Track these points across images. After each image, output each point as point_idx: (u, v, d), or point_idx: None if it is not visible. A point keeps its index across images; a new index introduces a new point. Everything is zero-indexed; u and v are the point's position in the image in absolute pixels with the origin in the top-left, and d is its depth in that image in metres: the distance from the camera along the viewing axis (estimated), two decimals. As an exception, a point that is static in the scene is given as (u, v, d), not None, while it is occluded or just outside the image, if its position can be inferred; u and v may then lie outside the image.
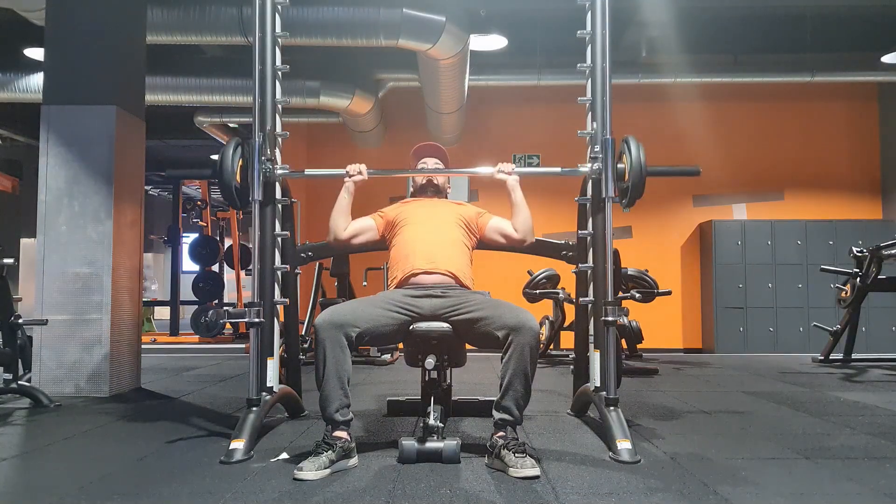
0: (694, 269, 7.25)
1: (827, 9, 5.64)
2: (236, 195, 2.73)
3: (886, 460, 2.35)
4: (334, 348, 2.28)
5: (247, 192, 2.74)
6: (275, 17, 2.90)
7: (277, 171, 2.83)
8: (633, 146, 2.67)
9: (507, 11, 5.60)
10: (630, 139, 2.70)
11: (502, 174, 2.78)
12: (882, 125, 7.28)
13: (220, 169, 2.68)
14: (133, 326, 4.04)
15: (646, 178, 2.65)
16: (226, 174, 2.68)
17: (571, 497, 1.93)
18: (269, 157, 2.77)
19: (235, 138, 2.77)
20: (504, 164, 2.80)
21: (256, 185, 2.71)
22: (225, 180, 2.68)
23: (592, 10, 2.89)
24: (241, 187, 2.75)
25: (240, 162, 2.74)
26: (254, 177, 2.71)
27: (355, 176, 2.77)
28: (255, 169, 2.71)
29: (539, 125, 7.05)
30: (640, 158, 2.65)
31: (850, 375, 4.80)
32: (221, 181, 2.69)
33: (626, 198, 2.72)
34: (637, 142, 2.69)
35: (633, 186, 2.67)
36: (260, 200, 2.73)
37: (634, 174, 2.65)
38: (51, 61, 3.95)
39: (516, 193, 2.77)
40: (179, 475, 2.16)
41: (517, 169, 2.80)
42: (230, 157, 2.69)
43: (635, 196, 2.69)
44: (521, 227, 2.75)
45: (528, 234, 2.76)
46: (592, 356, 2.88)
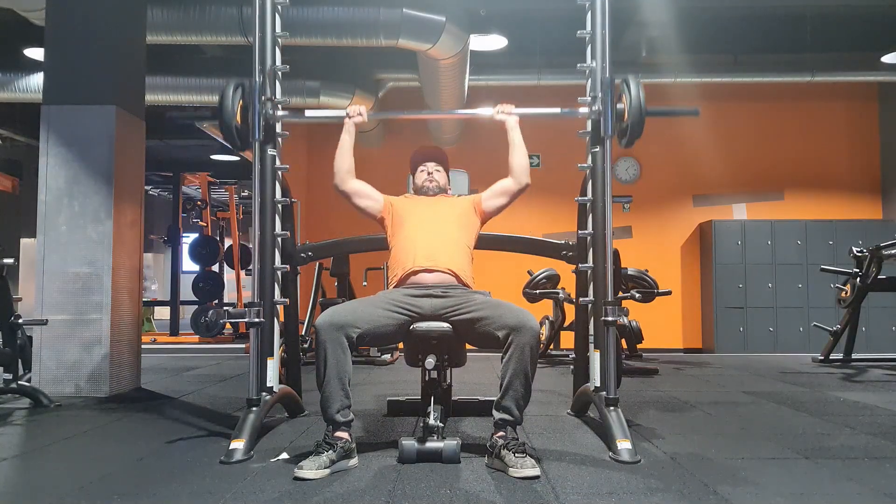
0: (694, 269, 7.25)
1: (827, 9, 5.64)
2: (237, 135, 2.74)
3: (886, 460, 2.35)
4: (335, 349, 2.28)
5: (247, 133, 2.76)
6: (275, 17, 2.90)
7: (278, 113, 2.84)
8: (632, 86, 2.67)
9: (507, 11, 5.60)
10: (630, 78, 2.70)
11: (502, 115, 2.83)
12: (882, 125, 7.28)
13: (220, 108, 2.69)
14: (133, 326, 4.04)
15: (645, 118, 2.65)
16: (226, 114, 2.68)
17: (571, 497, 1.93)
18: (269, 97, 2.78)
19: (235, 79, 2.77)
20: (504, 105, 2.84)
21: (257, 124, 2.73)
22: (225, 120, 2.69)
23: (592, 10, 2.89)
24: (241, 128, 2.75)
25: (240, 102, 2.75)
26: (254, 116, 2.72)
27: (355, 117, 2.80)
28: (256, 109, 2.73)
29: (539, 125, 7.02)
30: (639, 98, 2.65)
31: (850, 375, 4.80)
32: (222, 121, 2.69)
33: (626, 137, 2.73)
34: (637, 81, 2.68)
35: (633, 125, 2.67)
36: (260, 140, 2.74)
37: (634, 113, 2.65)
38: (51, 61, 3.95)
39: (515, 133, 2.81)
40: (179, 475, 2.16)
41: (516, 109, 2.83)
42: (230, 97, 2.70)
43: (634, 135, 2.70)
44: (517, 166, 2.77)
45: (523, 174, 2.77)
46: (592, 356, 2.88)
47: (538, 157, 7.21)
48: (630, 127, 2.67)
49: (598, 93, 2.76)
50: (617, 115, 2.74)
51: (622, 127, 2.74)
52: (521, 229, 5.92)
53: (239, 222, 8.66)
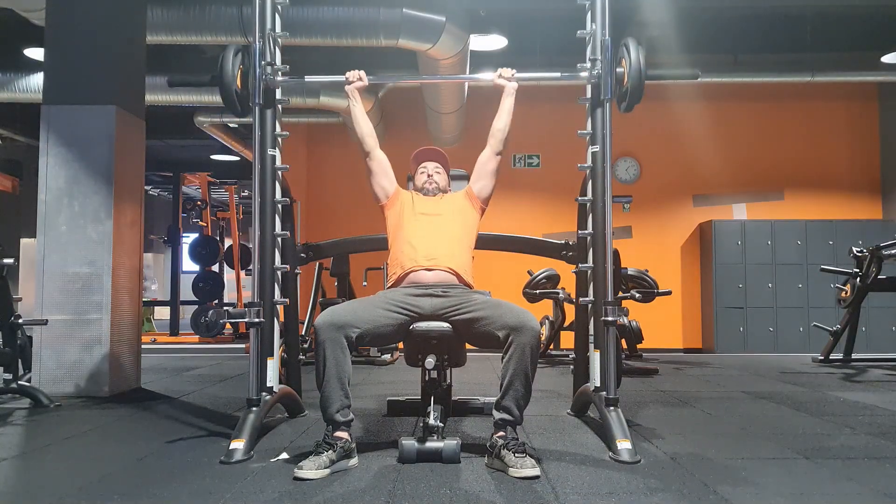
0: (694, 269, 7.25)
1: (827, 9, 5.64)
2: (237, 100, 2.75)
3: (886, 460, 2.35)
4: (335, 349, 2.28)
5: (247, 98, 2.77)
6: (275, 17, 2.90)
7: (277, 78, 2.85)
8: (632, 49, 2.67)
9: (507, 11, 5.60)
10: (629, 41, 2.69)
11: (502, 79, 2.85)
12: (882, 125, 7.28)
13: (220, 73, 2.70)
14: (133, 326, 4.04)
15: (644, 82, 2.65)
16: (226, 78, 2.69)
17: (571, 497, 1.93)
18: (270, 61, 2.79)
19: (235, 45, 2.78)
20: (504, 70, 2.86)
21: (257, 88, 2.74)
22: (225, 84, 2.70)
23: (592, 10, 2.89)
24: (241, 94, 2.76)
25: (240, 68, 2.75)
26: (256, 81, 2.73)
27: (356, 82, 2.85)
28: (256, 73, 2.74)
29: (539, 125, 7.05)
30: (639, 61, 2.64)
31: (850, 375, 4.80)
32: (222, 85, 2.70)
33: (626, 101, 2.72)
34: (636, 44, 2.68)
35: (633, 89, 2.67)
36: (260, 104, 2.75)
37: (633, 77, 2.65)
38: (51, 61, 3.95)
39: (509, 100, 2.83)
40: (179, 475, 2.16)
41: (517, 74, 2.85)
42: (230, 61, 2.70)
43: (634, 99, 2.70)
44: (498, 130, 2.81)
45: (500, 141, 2.81)
46: (592, 356, 2.88)
47: (538, 156, 7.21)
48: (630, 90, 2.67)
49: (598, 56, 2.76)
50: (617, 78, 2.74)
51: (622, 91, 2.74)
52: (521, 229, 5.93)
53: (239, 222, 8.66)
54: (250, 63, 2.75)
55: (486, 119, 2.89)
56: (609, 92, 2.71)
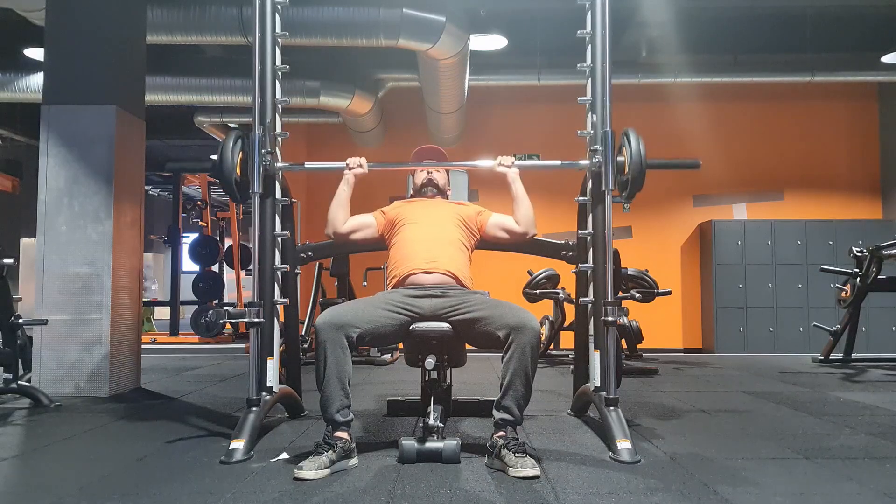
0: (694, 269, 7.25)
1: (827, 9, 5.64)
2: (236, 188, 2.74)
3: (886, 460, 2.35)
4: (335, 349, 2.28)
5: (247, 185, 2.75)
6: (275, 17, 2.90)
7: (277, 164, 2.83)
8: (632, 139, 2.67)
9: (507, 11, 5.60)
10: (630, 132, 2.69)
11: (502, 167, 2.81)
12: (882, 125, 7.28)
13: (220, 161, 2.69)
14: (133, 326, 4.04)
15: (646, 172, 2.65)
16: (226, 167, 2.68)
17: (571, 497, 1.93)
18: (269, 150, 2.78)
19: (235, 131, 2.77)
20: (504, 158, 2.83)
21: (256, 177, 2.72)
22: (225, 173, 2.69)
23: (592, 10, 2.89)
24: (241, 181, 2.75)
25: (240, 155, 2.74)
26: (254, 170, 2.72)
27: (355, 169, 2.79)
28: (255, 162, 2.72)
29: (539, 125, 7.05)
30: (639, 151, 2.64)
31: (850, 375, 4.80)
32: (221, 174, 2.69)
33: (626, 191, 2.72)
34: (637, 135, 2.68)
35: (633, 179, 2.66)
36: (260, 193, 2.74)
37: (634, 167, 2.65)
38: (51, 61, 3.95)
39: (517, 186, 2.78)
40: (179, 475, 2.16)
41: (517, 162, 2.82)
42: (230, 149, 2.69)
43: (635, 189, 2.69)
44: (523, 219, 2.76)
45: (530, 226, 2.77)
46: (592, 356, 2.88)
47: (538, 157, 7.19)
48: (631, 181, 2.66)
49: (599, 146, 2.75)
50: (617, 167, 2.73)
51: (622, 180, 2.73)
52: (521, 229, 5.93)
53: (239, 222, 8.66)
54: (250, 150, 2.73)
55: (486, 120, 2.90)
56: (610, 182, 2.70)
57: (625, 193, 2.75)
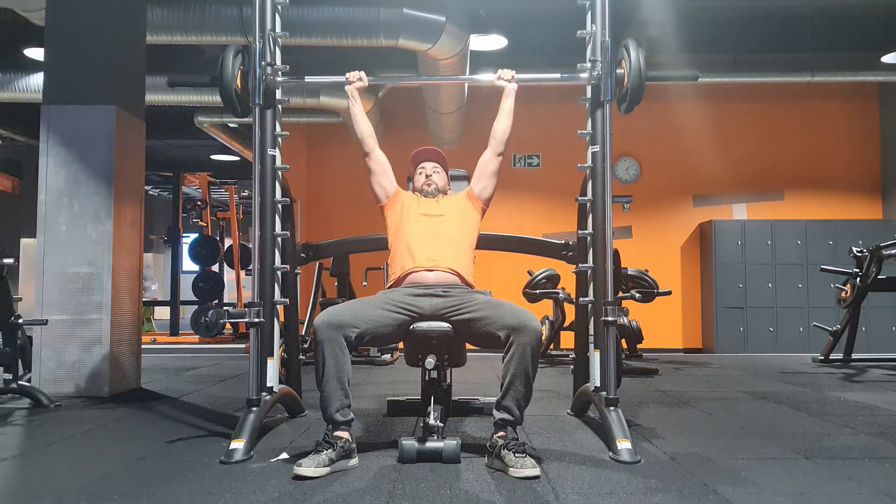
0: (694, 269, 7.25)
1: (827, 9, 5.64)
2: (237, 100, 2.75)
3: (886, 460, 2.35)
4: (334, 349, 2.28)
5: (247, 99, 2.77)
6: (275, 17, 2.90)
7: (278, 79, 2.85)
8: (632, 50, 2.67)
9: (507, 11, 5.60)
10: (629, 42, 2.70)
11: (502, 81, 2.85)
12: (882, 125, 7.28)
13: (220, 73, 2.70)
14: (133, 326, 4.04)
15: (644, 83, 2.65)
16: (226, 78, 2.70)
17: (571, 497, 1.93)
18: (270, 62, 2.79)
19: (235, 46, 2.78)
20: (504, 71, 2.86)
21: (257, 88, 2.73)
22: (225, 84, 2.70)
23: (592, 10, 2.89)
24: (241, 94, 2.77)
25: (240, 69, 2.76)
26: (255, 80, 2.73)
27: (356, 82, 2.86)
28: (256, 73, 2.74)
29: (539, 125, 7.05)
30: (639, 62, 2.64)
31: (850, 375, 4.80)
32: (221, 85, 2.70)
33: (626, 102, 2.73)
34: (637, 45, 2.68)
35: (633, 90, 2.67)
36: (260, 104, 2.75)
37: (633, 78, 2.65)
38: (51, 61, 3.95)
39: (509, 101, 2.83)
40: (179, 475, 2.16)
41: (517, 76, 2.85)
42: (230, 62, 2.71)
43: (634, 101, 2.70)
44: (499, 132, 2.82)
45: (501, 142, 2.82)
46: (592, 356, 2.88)
47: (538, 156, 7.21)
48: (630, 91, 2.67)
49: (598, 57, 2.76)
50: (617, 79, 2.74)
51: (622, 92, 2.74)
52: (521, 229, 5.93)
53: (239, 222, 8.66)
54: (250, 63, 2.75)
55: (487, 119, 2.89)
56: (609, 93, 2.71)
57: (624, 105, 2.76)
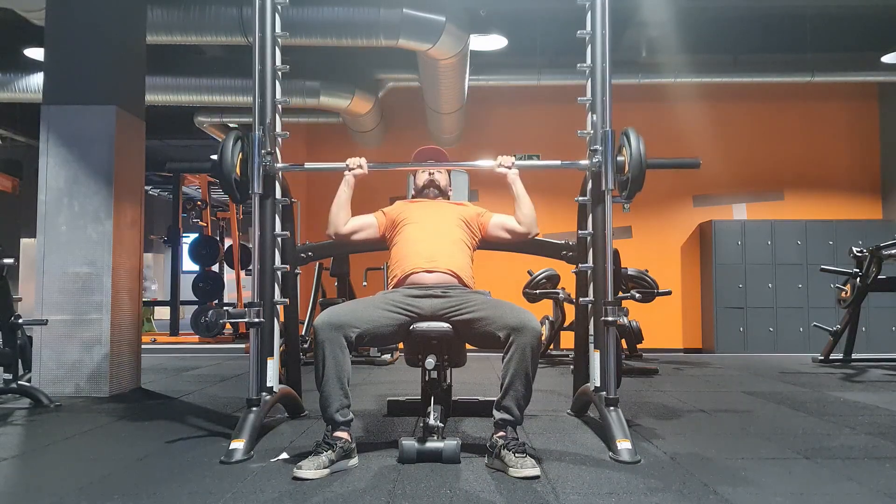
0: (694, 269, 7.25)
1: (827, 9, 5.64)
2: (236, 188, 2.73)
3: (886, 460, 2.35)
4: (334, 349, 2.27)
5: (246, 185, 2.75)
6: (275, 17, 2.89)
7: (277, 165, 2.84)
8: (632, 138, 2.67)
9: (507, 11, 5.60)
10: (630, 131, 2.69)
11: (502, 168, 2.81)
12: (882, 125, 7.28)
13: (219, 161, 2.68)
14: (133, 326, 4.04)
15: (645, 171, 2.65)
16: (226, 167, 2.68)
17: (571, 497, 1.93)
18: (269, 150, 2.78)
19: (235, 131, 2.77)
20: (504, 158, 2.82)
21: (256, 178, 2.72)
22: (225, 173, 2.68)
23: (592, 10, 2.89)
24: (240, 181, 2.75)
25: (239, 155, 2.74)
26: (253, 170, 2.71)
27: (355, 169, 2.79)
28: (255, 162, 2.72)
29: (539, 125, 7.05)
30: (639, 150, 2.64)
31: (850, 375, 4.80)
32: (221, 174, 2.69)
33: (626, 190, 2.72)
34: (637, 134, 2.68)
35: (633, 179, 2.66)
36: (260, 193, 2.73)
37: (634, 166, 2.64)
38: (51, 61, 3.95)
39: (517, 186, 2.78)
40: (179, 475, 2.16)
41: (517, 162, 2.82)
42: (230, 149, 2.69)
43: (635, 189, 2.69)
44: (525, 219, 2.77)
45: (532, 226, 2.78)
46: (592, 356, 2.88)
47: (538, 157, 7.20)
48: (630, 180, 2.66)
49: (599, 146, 2.75)
50: (617, 167, 2.73)
51: (622, 179, 2.73)
52: (521, 229, 5.92)
53: (239, 222, 8.65)
54: (250, 150, 2.73)
55: (487, 120, 2.89)
56: (610, 182, 2.70)
57: (625, 193, 2.74)
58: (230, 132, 2.76)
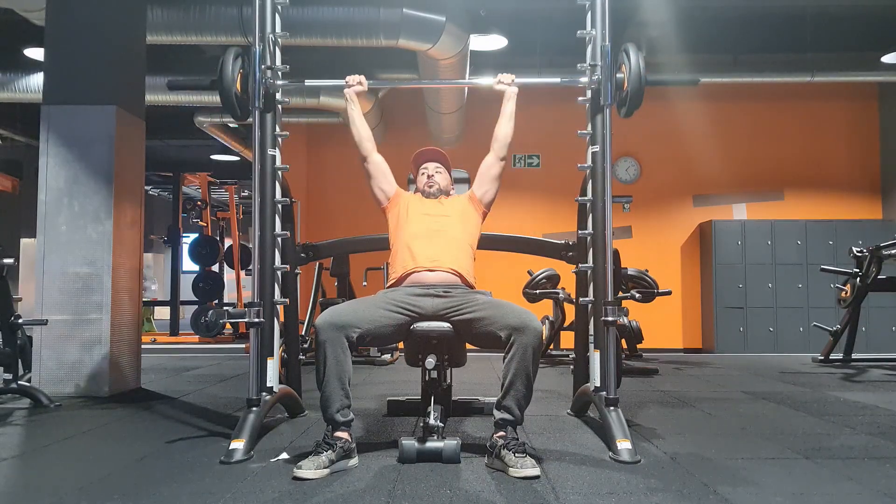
0: (694, 269, 7.25)
1: (827, 9, 5.64)
2: (236, 103, 2.74)
3: (886, 460, 2.35)
4: (335, 349, 2.27)
5: (246, 102, 2.76)
6: (275, 17, 2.90)
7: (278, 82, 2.84)
8: (632, 55, 2.67)
9: (507, 11, 5.60)
10: (629, 47, 2.70)
11: (502, 84, 2.85)
12: (882, 125, 7.28)
13: (220, 76, 2.70)
14: (133, 326, 4.04)
15: (644, 87, 2.65)
16: (226, 81, 2.69)
17: (571, 497, 1.93)
18: (269, 65, 2.79)
19: (235, 48, 2.78)
20: (504, 75, 2.86)
21: (257, 92, 2.73)
22: (225, 87, 2.69)
23: (592, 10, 2.89)
24: (240, 97, 2.76)
25: (240, 72, 2.75)
26: (255, 84, 2.73)
27: (355, 86, 2.85)
28: (256, 76, 2.73)
29: (539, 125, 7.05)
30: (639, 66, 2.64)
31: (850, 375, 4.80)
32: (221, 88, 2.70)
33: (625, 106, 2.73)
34: (636, 50, 2.68)
35: (632, 94, 2.67)
36: (260, 108, 2.75)
37: (633, 82, 2.65)
38: (51, 61, 3.95)
39: (510, 104, 2.84)
40: (179, 475, 2.16)
41: (517, 80, 2.85)
42: (230, 64, 2.70)
43: (634, 105, 2.70)
44: (501, 135, 2.83)
45: (503, 146, 2.84)
46: (592, 356, 2.88)
47: (538, 156, 7.21)
48: (630, 95, 2.67)
49: (598, 61, 2.76)
50: (616, 83, 2.74)
51: (622, 96, 2.74)
52: (521, 229, 5.92)
53: (239, 222, 8.66)
54: (250, 66, 2.75)
55: (487, 120, 2.89)
56: (609, 97, 2.71)
57: (624, 109, 2.76)
58: (230, 48, 2.77)
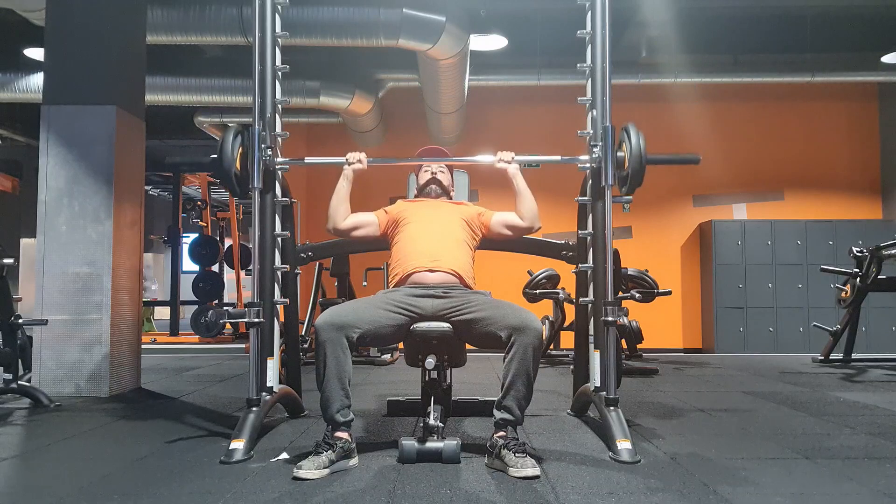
0: (694, 269, 7.25)
1: (827, 9, 5.64)
2: (236, 182, 2.73)
3: (886, 460, 2.35)
4: (335, 350, 2.27)
5: (247, 180, 2.74)
6: (275, 17, 2.90)
7: (277, 160, 2.83)
8: (632, 134, 2.67)
9: (507, 11, 5.61)
10: (630, 127, 2.70)
11: (502, 163, 2.81)
12: (882, 125, 7.28)
13: (220, 156, 2.68)
14: (133, 326, 4.04)
15: (645, 167, 2.65)
16: (226, 161, 2.67)
17: (571, 497, 1.93)
18: (269, 145, 2.78)
19: (235, 126, 2.76)
20: (503, 153, 2.83)
21: (256, 172, 2.71)
22: (225, 167, 2.68)
23: (592, 10, 2.89)
24: (240, 175, 2.75)
25: (239, 150, 2.74)
26: (254, 164, 2.71)
27: (355, 164, 2.78)
28: (256, 157, 2.71)
29: (539, 125, 7.05)
30: (639, 146, 2.64)
31: (850, 375, 4.80)
32: (221, 168, 2.68)
33: (626, 186, 2.72)
34: (637, 130, 2.68)
35: (633, 174, 2.66)
36: (260, 188, 2.73)
37: (634, 162, 2.65)
38: (51, 61, 3.95)
39: (518, 181, 2.79)
40: (179, 475, 2.16)
41: (517, 157, 2.82)
42: (230, 144, 2.68)
43: (635, 184, 2.69)
44: (527, 213, 2.77)
45: (534, 220, 2.78)
46: (592, 356, 2.88)
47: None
48: (630, 175, 2.67)
49: (599, 141, 2.75)
50: (617, 163, 2.73)
51: (622, 175, 2.73)
52: (521, 229, 5.92)
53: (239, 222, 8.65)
54: (250, 145, 2.72)
55: (487, 119, 2.89)
56: (610, 177, 2.70)
57: (624, 189, 2.75)
58: (230, 127, 2.76)
